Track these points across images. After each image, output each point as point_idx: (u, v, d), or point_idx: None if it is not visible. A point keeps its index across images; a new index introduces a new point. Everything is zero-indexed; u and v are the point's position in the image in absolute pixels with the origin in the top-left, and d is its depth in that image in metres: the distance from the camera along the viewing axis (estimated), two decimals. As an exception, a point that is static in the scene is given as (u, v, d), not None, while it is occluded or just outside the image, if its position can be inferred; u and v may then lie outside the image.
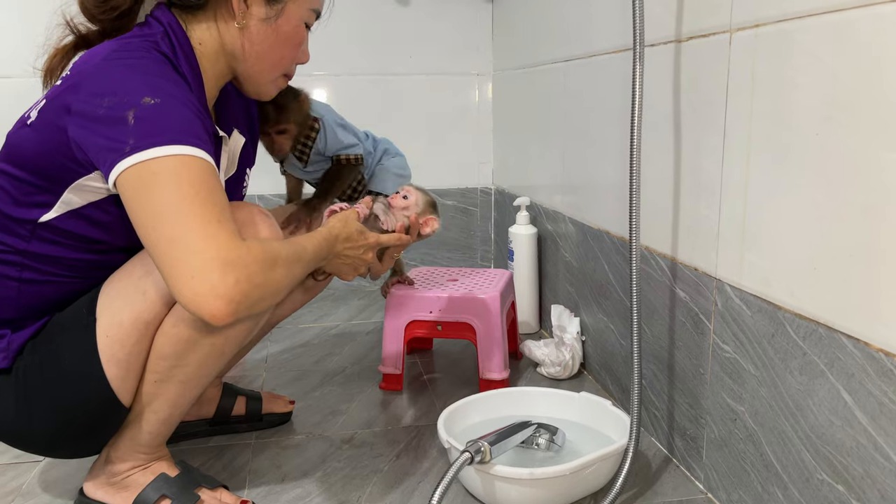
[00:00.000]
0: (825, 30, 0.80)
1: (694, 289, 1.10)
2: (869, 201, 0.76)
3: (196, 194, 0.83)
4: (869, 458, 0.77)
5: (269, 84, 1.07)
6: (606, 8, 1.37)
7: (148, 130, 0.83)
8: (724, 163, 1.00)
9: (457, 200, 2.30)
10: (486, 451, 1.00)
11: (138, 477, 1.04)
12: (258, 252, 0.84)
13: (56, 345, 0.97)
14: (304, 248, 0.95)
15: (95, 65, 0.89)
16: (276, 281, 0.87)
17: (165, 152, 0.83)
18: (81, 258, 0.97)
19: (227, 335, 0.98)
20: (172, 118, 0.85)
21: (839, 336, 0.80)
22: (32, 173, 0.92)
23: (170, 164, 0.83)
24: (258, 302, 0.85)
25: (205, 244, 0.81)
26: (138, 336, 0.96)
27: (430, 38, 2.20)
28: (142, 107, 0.84)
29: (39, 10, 1.89)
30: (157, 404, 1.00)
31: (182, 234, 0.81)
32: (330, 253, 1.02)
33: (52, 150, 0.90)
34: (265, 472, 1.19)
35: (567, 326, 1.56)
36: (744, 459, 1.00)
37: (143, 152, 0.83)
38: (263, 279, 0.84)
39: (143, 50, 0.92)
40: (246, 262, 0.82)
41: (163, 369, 0.98)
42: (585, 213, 1.52)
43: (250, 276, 0.82)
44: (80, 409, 0.97)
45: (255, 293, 0.83)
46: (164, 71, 0.91)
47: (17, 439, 1.01)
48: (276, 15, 0.99)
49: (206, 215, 0.82)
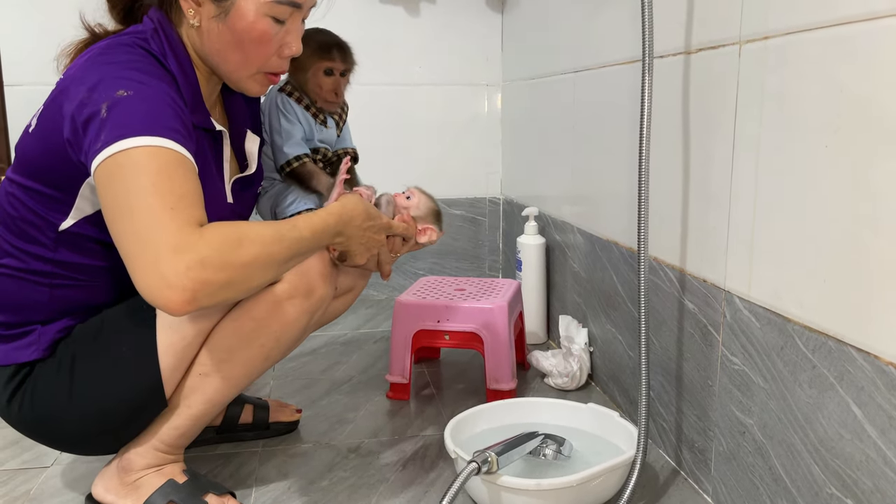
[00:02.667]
0: (833, 42, 0.80)
1: (702, 300, 1.09)
2: (878, 213, 0.75)
3: (153, 184, 0.81)
4: (879, 472, 0.77)
5: (246, 81, 1.02)
6: (616, 19, 1.37)
7: (116, 122, 0.83)
8: (734, 174, 1.00)
9: (465, 210, 2.30)
10: (493, 461, 0.99)
11: (151, 478, 1.05)
12: (214, 235, 0.81)
13: (108, 334, 0.99)
14: (294, 226, 0.91)
15: (80, 66, 0.91)
16: (243, 263, 0.82)
17: (130, 144, 0.82)
18: (106, 264, 1.00)
19: (277, 337, 1.02)
20: (142, 109, 0.85)
21: (849, 349, 0.80)
22: (41, 182, 0.94)
23: (133, 155, 0.82)
24: (223, 287, 0.81)
25: (155, 234, 0.79)
26: (200, 329, 1.00)
27: (440, 49, 2.21)
28: (114, 100, 0.85)
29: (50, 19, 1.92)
30: (194, 398, 1.02)
31: (136, 227, 0.81)
32: (343, 231, 0.99)
33: (53, 155, 0.91)
34: (272, 480, 1.19)
35: (575, 337, 1.56)
36: (752, 473, 0.99)
37: (111, 146, 0.83)
38: (222, 262, 0.80)
39: (127, 47, 0.93)
40: (197, 248, 0.79)
41: (211, 363, 1.01)
42: (594, 223, 1.52)
43: (204, 260, 0.79)
44: (124, 398, 0.99)
45: (215, 278, 0.80)
46: (143, 66, 0.91)
47: (46, 430, 1.02)
48: (225, 12, 0.95)
49: (160, 205, 0.80)
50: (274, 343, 1.04)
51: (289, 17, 0.98)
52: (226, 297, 0.84)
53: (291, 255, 0.90)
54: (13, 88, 1.98)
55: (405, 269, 2.28)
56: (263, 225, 0.88)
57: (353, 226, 1.01)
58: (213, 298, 0.81)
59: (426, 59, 2.21)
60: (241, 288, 0.85)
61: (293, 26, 1.00)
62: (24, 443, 1.31)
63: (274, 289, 1.00)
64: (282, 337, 1.04)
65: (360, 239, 1.03)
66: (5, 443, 1.32)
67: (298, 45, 1.01)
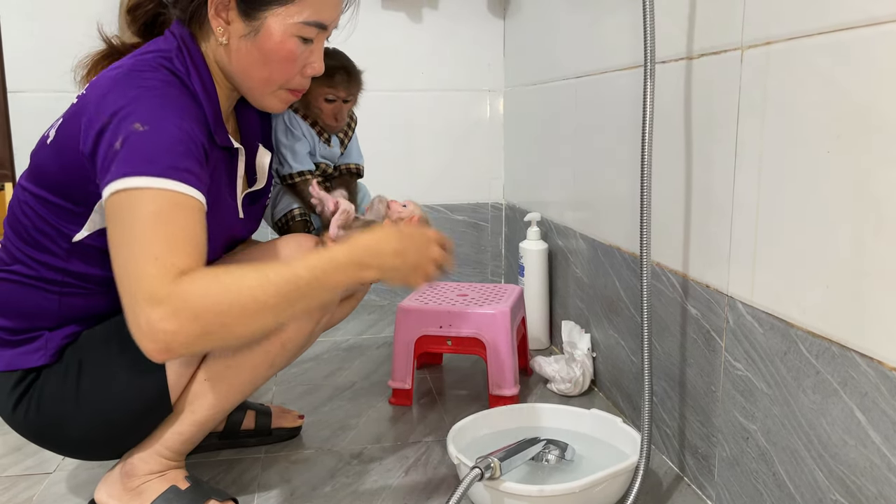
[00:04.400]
0: (836, 48, 0.81)
1: (705, 306, 1.09)
2: (880, 218, 0.75)
3: (145, 229, 0.82)
4: (882, 478, 0.76)
5: (268, 97, 1.03)
6: (617, 25, 1.37)
7: (128, 158, 0.84)
8: (736, 179, 1.00)
9: (468, 216, 2.31)
10: (496, 467, 0.99)
11: (154, 484, 1.05)
12: (190, 285, 0.80)
13: (115, 340, 0.99)
14: (288, 267, 0.85)
15: (104, 84, 0.91)
16: (218, 312, 0.80)
17: (135, 183, 0.83)
18: None
19: (283, 343, 1.04)
20: (155, 147, 0.85)
21: (852, 354, 0.80)
22: (58, 194, 0.94)
23: (135, 195, 0.83)
24: (200, 337, 0.80)
25: (136, 282, 0.80)
26: None
27: (443, 55, 2.21)
28: (130, 133, 0.85)
29: (55, 26, 1.93)
30: (198, 404, 1.03)
31: (124, 271, 0.82)
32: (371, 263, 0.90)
33: (72, 170, 0.92)
34: (274, 486, 1.19)
35: (577, 343, 1.55)
36: (756, 479, 0.99)
37: (119, 180, 0.84)
38: (194, 313, 0.79)
39: (152, 69, 0.93)
40: (171, 299, 0.79)
41: (217, 369, 1.02)
42: (596, 229, 1.52)
43: (176, 311, 0.78)
44: (130, 403, 0.99)
45: (188, 329, 0.79)
46: (166, 92, 0.91)
47: (51, 436, 1.03)
48: (255, 31, 0.96)
49: (146, 253, 0.81)
50: (279, 349, 1.04)
51: (315, 37, 1.00)
52: (206, 347, 0.85)
53: (284, 299, 0.84)
54: (17, 95, 1.99)
55: (407, 274, 2.27)
56: (249, 269, 0.85)
57: (387, 254, 0.93)
58: (190, 348, 0.81)
59: (428, 65, 2.21)
60: (223, 336, 0.83)
61: (318, 46, 1.01)
62: (26, 449, 1.31)
63: None
64: (287, 343, 1.05)
65: (406, 264, 0.95)
66: (7, 449, 1.32)
67: (321, 64, 1.02)
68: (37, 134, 1.01)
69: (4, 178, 2.03)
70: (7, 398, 1.00)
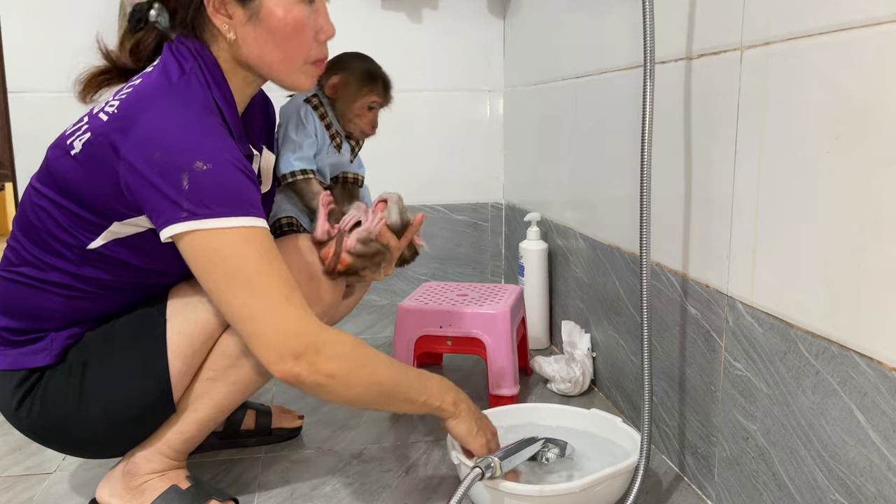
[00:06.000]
0: (835, 48, 0.81)
1: (705, 305, 1.09)
2: (880, 218, 0.75)
3: (261, 271, 0.88)
4: (882, 478, 0.77)
5: (294, 76, 1.02)
6: (617, 25, 1.38)
7: (204, 199, 0.86)
8: (735, 179, 1.00)
9: (468, 216, 2.31)
10: (496, 466, 0.99)
11: (155, 483, 1.05)
12: (337, 339, 0.93)
13: (119, 340, 1.00)
14: (409, 383, 1.01)
15: (143, 110, 0.90)
16: (356, 376, 0.94)
17: (226, 224, 0.87)
18: (129, 281, 1.01)
19: None
20: (227, 186, 0.88)
21: (852, 354, 0.80)
22: (80, 205, 0.94)
23: (232, 237, 0.87)
24: (327, 384, 0.92)
25: (276, 326, 0.89)
26: (208, 335, 1.01)
27: (442, 55, 2.21)
28: (195, 172, 0.86)
29: (55, 27, 1.93)
30: (201, 403, 1.04)
31: (257, 312, 0.89)
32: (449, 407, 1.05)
33: (102, 189, 0.92)
34: (274, 486, 1.19)
35: (577, 342, 1.56)
36: (756, 479, 0.99)
37: (202, 221, 0.86)
38: (330, 372, 0.91)
39: (188, 97, 0.93)
40: (312, 353, 0.89)
41: (220, 368, 1.03)
42: (596, 228, 1.52)
43: (317, 364, 0.90)
44: (133, 402, 1.00)
45: (320, 380, 0.91)
46: (210, 125, 0.92)
47: (54, 435, 1.03)
48: (256, 13, 0.95)
49: (276, 292, 0.89)
50: None
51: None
52: (324, 391, 0.93)
53: (395, 388, 0.99)
54: (17, 95, 1.99)
55: (407, 274, 2.28)
56: (379, 361, 0.98)
57: (474, 412, 1.09)
58: (315, 387, 0.92)
59: (428, 65, 2.21)
60: (341, 394, 0.95)
61: (321, 7, 1.01)
62: (26, 449, 1.31)
63: None
64: None
65: (479, 428, 1.08)
66: (8, 449, 1.32)
67: (331, 26, 1.01)
68: (37, 134, 1.01)
69: (4, 178, 2.04)
70: (10, 397, 1.00)
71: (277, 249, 0.91)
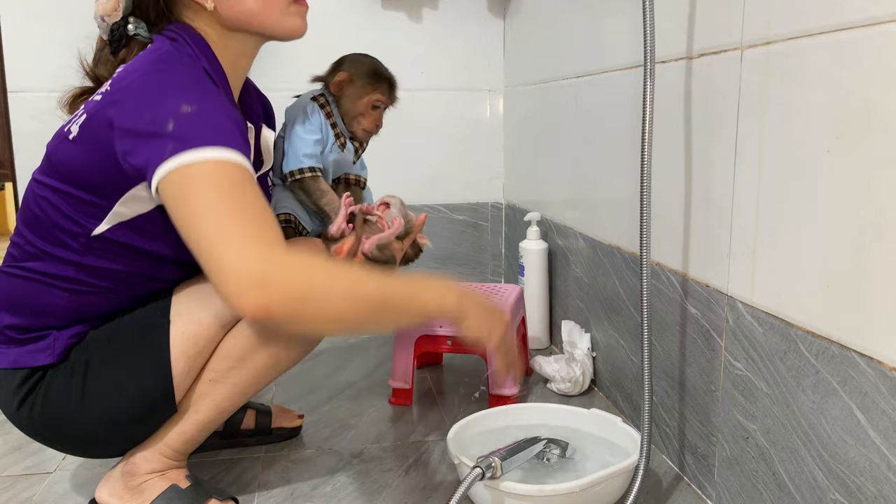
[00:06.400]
0: (835, 47, 0.81)
1: (705, 305, 1.09)
2: (880, 218, 0.75)
3: (229, 198, 0.83)
4: (882, 478, 0.77)
5: (284, 21, 1.02)
6: (617, 25, 1.37)
7: (184, 135, 0.85)
8: (735, 178, 1.00)
9: (468, 215, 2.31)
10: (496, 466, 0.99)
11: (155, 482, 1.05)
12: (290, 256, 0.82)
13: (122, 340, 1.00)
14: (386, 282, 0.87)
15: (134, 80, 0.91)
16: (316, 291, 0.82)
17: (202, 155, 0.84)
18: (133, 271, 1.00)
19: (288, 348, 1.04)
20: (208, 122, 0.87)
21: (852, 354, 0.80)
22: (82, 188, 0.94)
23: (206, 167, 0.84)
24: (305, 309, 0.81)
25: (238, 254, 0.80)
26: (212, 336, 1.01)
27: (442, 54, 2.21)
28: (179, 115, 0.86)
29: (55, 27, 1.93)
30: (202, 404, 1.03)
31: (218, 241, 0.81)
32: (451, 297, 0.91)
33: (100, 165, 0.91)
34: (274, 486, 1.19)
35: (577, 342, 1.56)
36: (756, 478, 0.99)
37: (179, 155, 0.84)
38: (300, 293, 0.81)
39: (177, 61, 0.94)
40: (275, 275, 0.80)
41: (221, 369, 1.02)
42: (596, 228, 1.52)
43: (284, 286, 0.79)
44: (135, 403, 1.00)
45: (291, 305, 0.80)
46: (198, 79, 0.93)
47: (55, 434, 1.03)
48: None
49: (239, 221, 0.82)
50: (285, 351, 1.05)
51: None
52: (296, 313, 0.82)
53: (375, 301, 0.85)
54: (16, 95, 1.99)
55: (407, 274, 2.28)
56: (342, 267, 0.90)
57: (475, 297, 0.95)
58: (289, 317, 0.81)
59: (428, 64, 2.21)
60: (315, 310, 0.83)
61: None
62: (26, 448, 1.31)
63: None
64: (292, 345, 1.05)
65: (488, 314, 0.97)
66: (7, 448, 1.32)
67: None
68: (37, 133, 1.01)
69: (4, 178, 2.03)
70: (11, 396, 1.00)
71: (258, 189, 0.87)
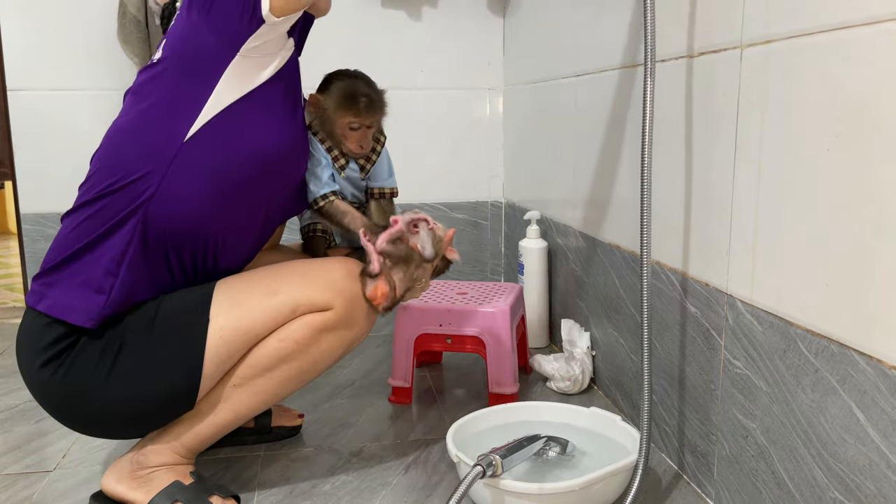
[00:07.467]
0: (835, 46, 0.81)
1: (705, 304, 1.09)
2: (880, 216, 0.75)
3: None
4: (881, 476, 0.77)
5: None
6: (617, 24, 1.37)
7: None
8: (735, 177, 1.00)
9: (467, 214, 2.31)
10: (497, 464, 1.00)
11: (160, 474, 1.06)
12: None
13: (159, 331, 1.01)
14: None
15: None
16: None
17: None
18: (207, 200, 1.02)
19: (314, 359, 1.06)
20: None
21: (851, 353, 0.80)
22: (185, 70, 0.99)
23: None
24: None
25: None
26: (244, 344, 1.03)
27: (442, 53, 2.21)
28: None
29: (54, 25, 1.93)
30: (221, 407, 1.05)
31: None
32: None
33: (199, 33, 0.98)
34: (274, 484, 1.19)
35: (577, 341, 1.56)
36: (755, 477, 0.99)
37: None
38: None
39: None
40: None
41: (246, 376, 1.04)
42: (596, 227, 1.52)
43: None
44: (158, 395, 1.01)
45: None
46: None
47: (69, 405, 1.03)
48: None
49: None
50: (310, 366, 1.07)
51: None
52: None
53: None
54: (16, 93, 1.99)
55: (407, 272, 2.28)
56: None
57: None
58: None
59: (428, 63, 2.21)
60: None
61: None
62: (26, 447, 1.31)
63: (323, 316, 1.04)
64: (319, 361, 1.08)
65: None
66: (7, 447, 1.32)
67: None
68: (37, 132, 1.01)
69: (4, 177, 2.04)
70: (39, 353, 1.00)
71: None
